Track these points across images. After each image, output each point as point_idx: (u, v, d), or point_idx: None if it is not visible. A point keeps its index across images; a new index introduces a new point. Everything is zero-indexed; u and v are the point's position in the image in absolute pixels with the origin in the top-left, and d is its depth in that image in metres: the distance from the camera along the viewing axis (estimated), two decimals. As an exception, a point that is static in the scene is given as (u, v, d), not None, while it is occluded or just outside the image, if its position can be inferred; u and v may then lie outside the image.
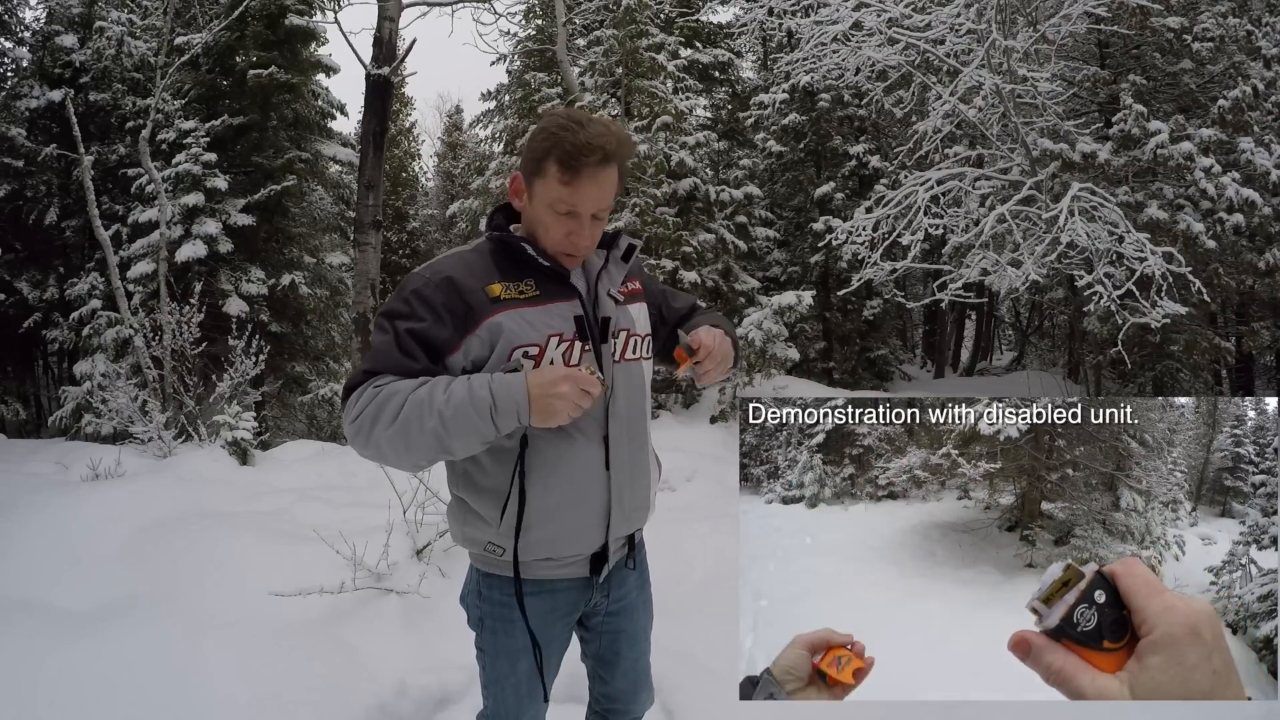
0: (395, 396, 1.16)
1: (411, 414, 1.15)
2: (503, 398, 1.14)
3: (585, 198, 1.22)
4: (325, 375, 11.07)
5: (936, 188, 7.49)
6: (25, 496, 3.83)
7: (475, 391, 1.14)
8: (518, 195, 1.31)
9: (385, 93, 8.26)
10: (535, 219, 1.28)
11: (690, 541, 3.43)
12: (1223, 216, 7.00)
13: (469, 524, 1.33)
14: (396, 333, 1.22)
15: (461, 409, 1.14)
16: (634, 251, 1.42)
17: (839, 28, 7.71)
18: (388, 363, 1.21)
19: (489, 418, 1.14)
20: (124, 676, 2.27)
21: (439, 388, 1.16)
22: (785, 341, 7.50)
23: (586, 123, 1.22)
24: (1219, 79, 8.15)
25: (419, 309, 1.22)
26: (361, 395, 1.19)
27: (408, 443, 1.16)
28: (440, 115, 31.47)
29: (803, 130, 12.29)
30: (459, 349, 1.23)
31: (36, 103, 10.81)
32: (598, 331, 1.29)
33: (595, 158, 1.20)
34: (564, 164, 1.20)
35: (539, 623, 1.35)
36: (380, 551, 2.99)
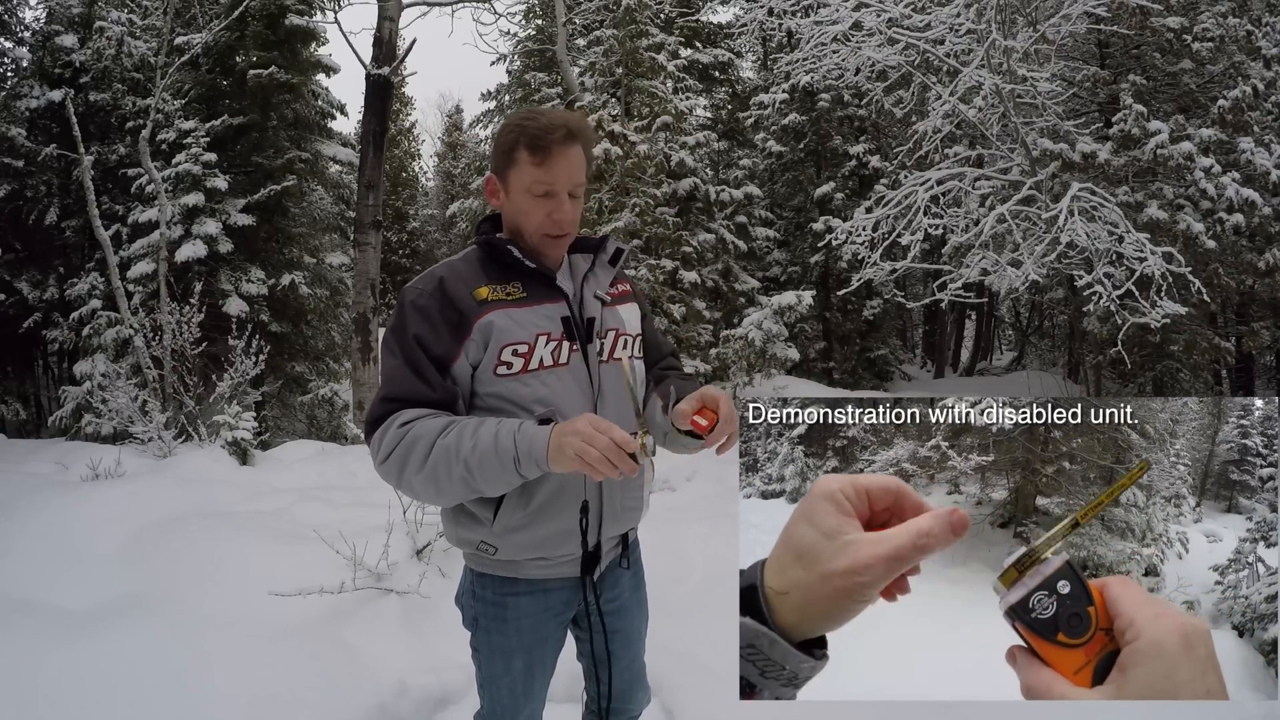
0: (420, 441, 1.18)
1: (439, 461, 1.17)
2: (524, 449, 1.15)
3: (559, 174, 1.27)
4: (325, 375, 11.07)
5: (936, 188, 7.49)
6: (25, 496, 3.83)
7: (500, 442, 1.16)
8: (494, 195, 1.35)
9: (385, 93, 8.26)
10: (515, 209, 1.31)
11: (690, 541, 3.43)
12: (1223, 216, 7.00)
13: (461, 524, 1.34)
14: (404, 351, 1.25)
15: (486, 459, 1.16)
16: (621, 256, 1.44)
17: (839, 28, 7.72)
18: (404, 387, 1.23)
19: (513, 468, 1.16)
20: (124, 676, 2.27)
21: (465, 434, 1.17)
22: (785, 341, 7.50)
23: (546, 111, 1.30)
24: (1219, 79, 8.16)
25: (417, 323, 1.25)
26: (386, 434, 1.21)
27: (439, 488, 1.20)
28: (440, 115, 31.57)
29: (803, 130, 12.29)
30: (459, 357, 1.25)
31: (36, 103, 10.81)
32: (583, 332, 1.32)
33: (560, 134, 1.26)
34: (533, 147, 1.26)
35: (532, 622, 1.36)
36: (380, 551, 2.99)
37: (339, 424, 9.82)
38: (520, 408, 1.26)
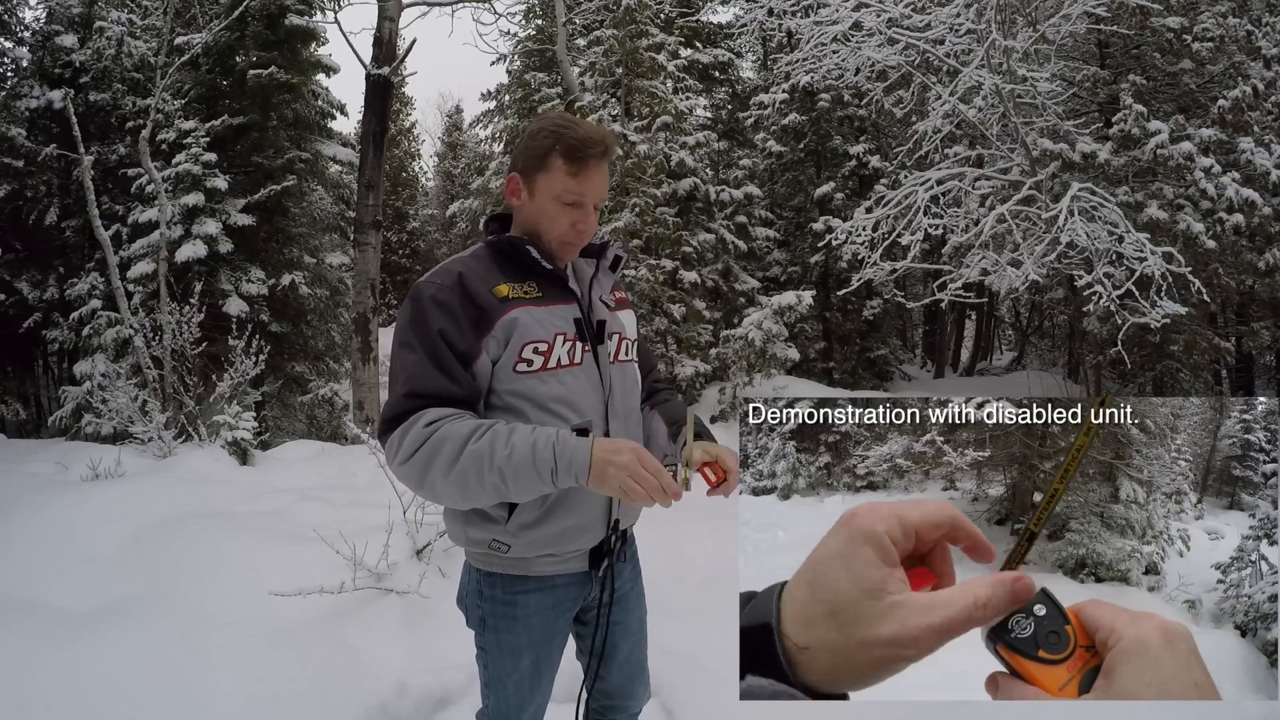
0: (448, 444, 1.16)
1: (469, 466, 1.15)
2: (564, 462, 1.15)
3: (592, 187, 1.30)
4: (325, 375, 11.06)
5: (936, 188, 7.49)
6: (25, 496, 3.83)
7: (539, 453, 1.15)
8: (515, 195, 1.35)
9: (385, 93, 8.26)
10: (539, 212, 1.32)
11: (690, 541, 3.43)
12: (1223, 216, 7.00)
13: (472, 523, 1.33)
14: (427, 345, 1.22)
15: (523, 468, 1.14)
16: (621, 262, 1.47)
17: (839, 28, 7.72)
18: (428, 383, 1.21)
19: (550, 479, 1.15)
20: (124, 676, 2.27)
21: (499, 441, 1.16)
22: (785, 341, 7.51)
23: (581, 122, 1.33)
24: (1219, 79, 8.16)
25: (440, 317, 1.23)
26: (409, 433, 1.18)
27: (465, 493, 1.18)
28: (440, 115, 31.54)
29: (803, 130, 12.29)
30: (481, 353, 1.25)
31: (36, 103, 10.80)
32: (594, 333, 1.34)
33: (598, 150, 1.28)
34: (570, 156, 1.27)
35: (541, 619, 1.37)
36: (380, 551, 2.99)
37: (339, 424, 9.82)
38: (538, 406, 1.26)
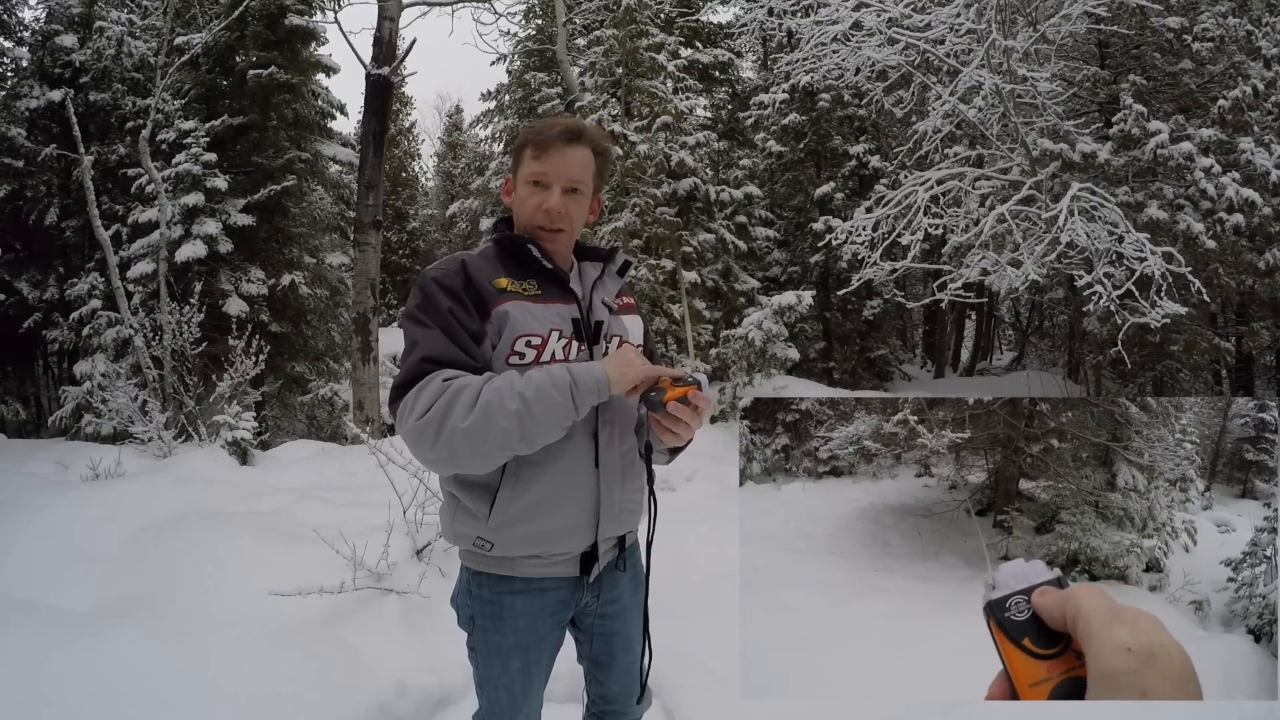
0: (468, 389, 1.18)
1: (492, 400, 1.17)
2: (581, 374, 1.21)
3: (553, 168, 1.34)
4: (325, 375, 11.07)
5: (936, 188, 7.48)
6: (25, 496, 3.83)
7: (554, 373, 1.20)
8: (507, 194, 1.43)
9: (385, 93, 8.26)
10: (517, 202, 1.39)
11: (690, 541, 3.43)
12: (1223, 216, 6.99)
13: (458, 520, 1.35)
14: (439, 320, 1.25)
15: (543, 389, 1.18)
16: (628, 267, 1.50)
17: (839, 28, 7.71)
18: (444, 352, 1.23)
19: (569, 395, 1.19)
20: (124, 676, 2.27)
21: (515, 377, 1.20)
22: (785, 341, 7.49)
23: (560, 117, 1.42)
24: (1219, 79, 8.15)
25: (447, 299, 1.26)
26: (425, 389, 1.19)
27: (487, 432, 1.17)
28: (440, 115, 31.52)
29: (803, 130, 12.28)
30: (485, 335, 1.28)
31: (36, 103, 10.81)
32: (590, 333, 1.36)
33: (558, 131, 1.34)
34: (535, 144, 1.35)
35: (527, 621, 1.37)
36: (380, 551, 2.99)
37: (339, 424, 9.83)
38: None
